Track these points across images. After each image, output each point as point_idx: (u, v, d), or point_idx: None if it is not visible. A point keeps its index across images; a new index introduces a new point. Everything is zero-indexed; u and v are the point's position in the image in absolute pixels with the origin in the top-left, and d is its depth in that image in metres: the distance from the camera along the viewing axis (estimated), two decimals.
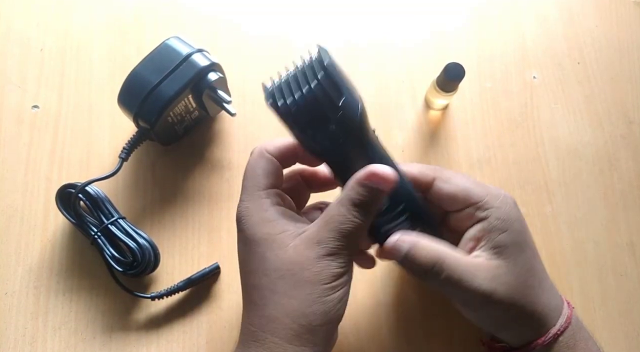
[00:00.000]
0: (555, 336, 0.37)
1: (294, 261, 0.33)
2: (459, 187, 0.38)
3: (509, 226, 0.37)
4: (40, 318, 0.45)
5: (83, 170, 0.50)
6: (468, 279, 0.35)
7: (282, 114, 0.34)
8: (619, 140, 0.53)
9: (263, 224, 0.34)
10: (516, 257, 0.36)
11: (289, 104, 0.33)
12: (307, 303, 0.33)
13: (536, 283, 0.37)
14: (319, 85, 0.32)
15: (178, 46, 0.46)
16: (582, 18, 0.58)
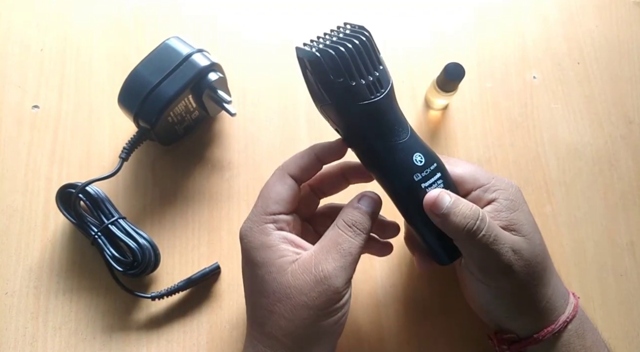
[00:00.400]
0: (565, 324, 0.37)
1: (291, 285, 0.34)
2: (467, 171, 0.38)
3: (518, 206, 0.37)
4: (40, 318, 0.45)
5: (83, 170, 0.50)
6: (501, 240, 0.35)
7: (328, 61, 0.33)
8: (618, 140, 0.53)
9: (263, 249, 0.35)
10: (532, 235, 0.37)
11: (338, 51, 0.33)
12: (303, 326, 0.34)
13: (548, 266, 0.38)
14: (366, 37, 0.35)
15: (178, 46, 0.46)
16: (582, 18, 0.58)
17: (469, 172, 0.38)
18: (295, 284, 0.34)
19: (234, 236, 0.48)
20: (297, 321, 0.34)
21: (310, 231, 0.42)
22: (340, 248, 0.34)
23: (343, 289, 0.34)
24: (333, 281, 0.34)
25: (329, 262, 0.34)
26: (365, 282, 0.47)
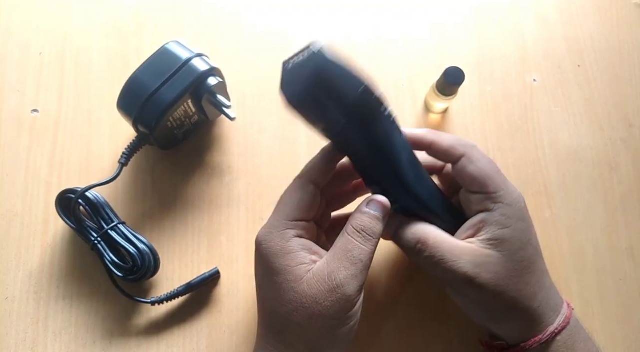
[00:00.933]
0: (553, 335, 0.37)
1: (307, 294, 0.34)
2: (481, 172, 0.38)
3: (512, 223, 0.37)
4: (40, 323, 0.45)
5: (83, 175, 0.50)
6: (450, 259, 0.36)
7: (291, 106, 0.35)
8: (619, 143, 0.53)
9: (282, 255, 0.36)
10: (513, 252, 0.37)
11: (292, 96, 0.35)
12: (319, 335, 0.35)
13: (533, 280, 0.38)
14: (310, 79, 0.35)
15: (177, 51, 0.46)
16: (582, 20, 0.57)
17: (482, 174, 0.38)
18: (310, 294, 0.34)
19: (234, 240, 0.48)
20: (313, 330, 0.35)
21: (325, 240, 0.42)
22: (350, 255, 0.35)
23: (355, 296, 0.35)
24: (345, 289, 0.34)
25: (341, 271, 0.34)
26: (365, 287, 0.47)
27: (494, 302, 0.37)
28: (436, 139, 0.39)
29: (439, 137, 0.39)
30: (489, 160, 0.39)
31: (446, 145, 0.39)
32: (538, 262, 0.39)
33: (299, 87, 0.34)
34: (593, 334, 0.47)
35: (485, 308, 0.38)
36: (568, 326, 0.38)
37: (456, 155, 0.39)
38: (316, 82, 0.34)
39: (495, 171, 0.39)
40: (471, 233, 0.38)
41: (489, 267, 0.36)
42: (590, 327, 0.47)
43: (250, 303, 0.46)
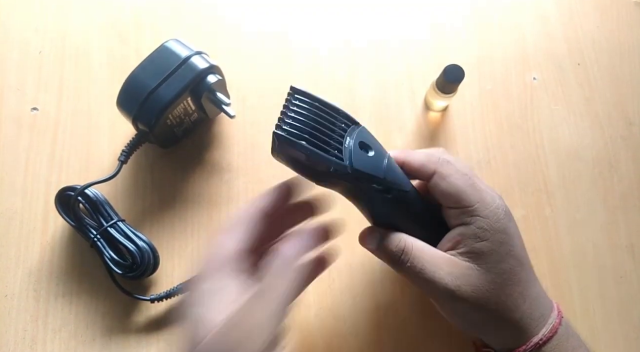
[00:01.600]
0: (537, 345, 0.37)
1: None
2: (453, 188, 0.38)
3: (490, 236, 0.37)
4: (40, 321, 0.45)
5: (82, 173, 0.50)
6: (430, 270, 0.36)
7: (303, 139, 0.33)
8: (619, 142, 0.53)
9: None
10: (492, 265, 0.37)
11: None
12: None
13: (516, 292, 0.37)
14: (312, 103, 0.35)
15: (177, 49, 0.46)
16: (582, 19, 0.57)
17: (454, 190, 0.38)
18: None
19: None
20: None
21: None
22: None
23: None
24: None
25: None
26: (364, 284, 0.47)
27: (476, 315, 0.37)
28: (407, 159, 0.39)
29: (409, 157, 0.39)
30: (461, 174, 0.38)
31: (417, 164, 0.39)
32: (521, 273, 0.38)
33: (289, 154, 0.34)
34: (593, 333, 0.47)
35: (468, 320, 0.38)
36: (555, 336, 0.38)
37: (428, 173, 0.39)
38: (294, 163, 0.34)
39: (468, 185, 0.38)
40: (449, 246, 0.38)
41: (468, 280, 0.36)
42: (590, 326, 0.47)
43: None
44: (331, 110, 0.35)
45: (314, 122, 0.34)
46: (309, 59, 0.55)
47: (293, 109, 0.34)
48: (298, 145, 0.33)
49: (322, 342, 0.45)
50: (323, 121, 0.34)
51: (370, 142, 0.36)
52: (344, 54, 0.55)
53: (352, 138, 0.35)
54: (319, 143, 0.33)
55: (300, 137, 0.33)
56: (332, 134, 0.34)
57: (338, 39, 0.56)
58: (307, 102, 0.34)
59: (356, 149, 0.35)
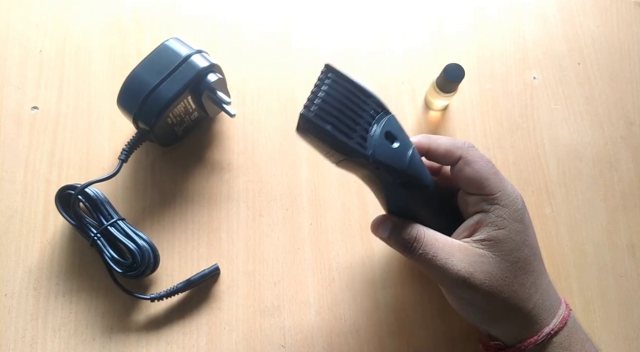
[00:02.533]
0: (548, 336, 0.37)
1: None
2: (478, 174, 0.38)
3: (507, 224, 0.37)
4: (40, 320, 0.45)
5: (82, 171, 0.49)
6: (443, 257, 0.36)
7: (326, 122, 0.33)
8: (619, 141, 0.53)
9: None
10: (508, 253, 0.37)
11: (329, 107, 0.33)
12: None
13: (529, 282, 0.38)
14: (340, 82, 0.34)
15: (177, 47, 0.46)
16: (582, 19, 0.57)
17: (479, 177, 0.38)
18: None
19: (234, 237, 0.48)
20: None
21: None
22: None
23: None
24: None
25: None
26: (365, 283, 0.47)
27: (488, 303, 0.37)
28: (432, 144, 0.39)
29: (434, 142, 0.39)
30: (486, 161, 0.39)
31: (443, 149, 0.39)
32: (534, 263, 0.38)
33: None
34: (594, 332, 0.47)
35: (480, 309, 0.38)
36: (565, 327, 0.38)
37: (453, 158, 0.39)
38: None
39: (492, 173, 0.38)
40: (467, 234, 0.38)
41: (482, 267, 0.36)
42: (591, 325, 0.47)
43: (250, 299, 0.46)
44: (363, 95, 0.34)
45: (343, 106, 0.33)
46: (310, 57, 0.55)
47: (324, 89, 0.33)
48: (323, 130, 0.32)
49: (322, 341, 0.45)
50: (352, 106, 0.33)
51: (397, 133, 0.35)
52: (344, 52, 0.55)
53: (379, 126, 0.34)
54: (344, 129, 0.33)
55: (326, 121, 0.32)
56: (360, 121, 0.33)
57: (338, 37, 0.56)
58: (340, 83, 0.33)
59: (381, 139, 0.34)
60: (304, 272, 0.47)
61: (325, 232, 0.49)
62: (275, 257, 0.48)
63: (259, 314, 0.46)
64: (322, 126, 0.32)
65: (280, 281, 0.47)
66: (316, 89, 0.33)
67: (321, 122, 0.32)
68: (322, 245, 0.48)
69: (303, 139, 0.34)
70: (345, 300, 0.47)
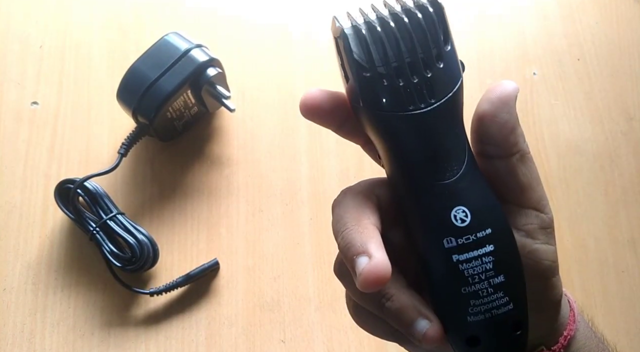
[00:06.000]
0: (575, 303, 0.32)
1: None
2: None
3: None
4: (38, 314, 0.45)
5: (82, 166, 0.49)
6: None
7: (357, 43, 0.23)
8: (619, 136, 0.53)
9: None
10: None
11: (373, 31, 0.23)
12: None
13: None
14: (426, 15, 0.23)
15: (177, 42, 0.46)
16: (582, 15, 0.57)
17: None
18: None
19: (233, 232, 0.48)
20: None
21: None
22: None
23: None
24: None
25: None
26: None
27: (557, 267, 0.32)
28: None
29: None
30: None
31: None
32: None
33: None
34: (595, 327, 0.46)
35: (550, 281, 0.33)
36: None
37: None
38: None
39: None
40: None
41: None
42: (592, 320, 0.46)
43: (249, 294, 0.46)
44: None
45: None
46: (309, 53, 0.55)
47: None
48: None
49: (321, 336, 0.45)
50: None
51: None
52: None
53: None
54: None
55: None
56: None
57: None
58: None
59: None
60: (303, 267, 0.47)
61: (325, 227, 0.49)
62: (275, 252, 0.48)
63: (258, 309, 0.46)
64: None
65: (280, 276, 0.47)
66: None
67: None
68: (322, 240, 0.48)
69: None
70: (345, 295, 0.47)
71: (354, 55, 0.23)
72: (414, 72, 0.23)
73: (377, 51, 0.23)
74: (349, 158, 0.50)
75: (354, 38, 0.23)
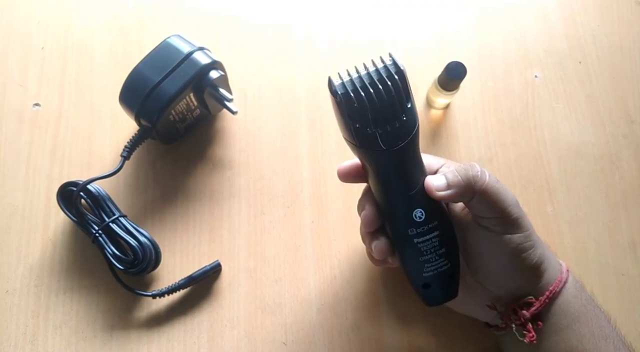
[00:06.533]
0: (568, 272, 0.40)
1: None
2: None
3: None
4: (41, 316, 0.45)
5: (84, 168, 0.49)
6: (501, 191, 0.37)
7: (348, 105, 0.33)
8: (620, 139, 0.53)
9: None
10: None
11: (358, 97, 0.33)
12: None
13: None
14: (393, 83, 0.33)
15: (179, 44, 0.46)
16: (583, 17, 0.58)
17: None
18: None
19: (235, 234, 0.48)
20: None
21: None
22: None
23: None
24: None
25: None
26: (366, 280, 0.47)
27: (530, 246, 0.38)
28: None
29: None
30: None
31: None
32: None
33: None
34: None
35: (523, 258, 0.38)
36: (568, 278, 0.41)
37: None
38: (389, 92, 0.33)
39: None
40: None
41: (520, 207, 0.38)
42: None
43: (251, 296, 0.46)
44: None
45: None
46: (311, 55, 0.55)
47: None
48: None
49: (323, 339, 0.45)
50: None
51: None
52: (346, 51, 0.55)
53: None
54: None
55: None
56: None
57: (340, 35, 0.56)
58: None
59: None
60: (305, 269, 0.47)
61: (326, 230, 0.49)
62: (276, 255, 0.48)
63: (260, 311, 0.46)
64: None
65: (281, 278, 0.47)
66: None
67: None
68: (324, 242, 0.48)
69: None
70: (346, 297, 0.47)
71: (347, 115, 0.33)
72: (388, 124, 0.34)
73: (362, 112, 0.33)
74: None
75: (347, 102, 0.33)
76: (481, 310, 0.42)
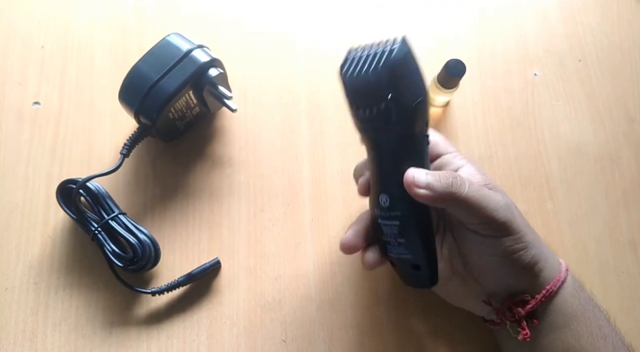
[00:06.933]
0: (567, 271, 0.40)
1: None
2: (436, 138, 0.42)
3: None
4: (40, 314, 0.45)
5: (84, 166, 0.50)
6: (485, 198, 0.36)
7: (342, 84, 0.37)
8: (620, 138, 0.53)
9: None
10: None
11: (347, 77, 0.36)
12: None
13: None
14: (379, 70, 0.36)
15: (178, 42, 0.46)
16: (583, 16, 0.58)
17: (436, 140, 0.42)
18: None
19: (235, 232, 0.48)
20: None
21: None
22: None
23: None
24: None
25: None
26: (366, 279, 0.47)
27: (522, 247, 0.37)
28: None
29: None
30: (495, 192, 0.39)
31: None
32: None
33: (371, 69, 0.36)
34: None
35: (515, 257, 0.38)
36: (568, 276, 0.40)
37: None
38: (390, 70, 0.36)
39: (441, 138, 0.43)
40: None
41: (514, 213, 0.38)
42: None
43: (251, 294, 0.46)
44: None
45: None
46: (311, 52, 0.55)
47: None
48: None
49: (323, 336, 0.45)
50: None
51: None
52: (345, 48, 0.55)
53: None
54: None
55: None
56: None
57: (340, 32, 0.56)
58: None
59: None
60: (305, 267, 0.47)
61: (326, 228, 0.49)
62: (276, 252, 0.48)
63: (259, 308, 0.46)
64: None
65: (281, 276, 0.47)
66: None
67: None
68: (324, 240, 0.48)
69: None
70: (346, 295, 0.47)
71: (349, 98, 0.37)
72: (375, 106, 0.35)
73: (361, 95, 0.36)
74: (350, 159, 0.51)
75: (351, 87, 0.37)
76: (477, 304, 0.41)
